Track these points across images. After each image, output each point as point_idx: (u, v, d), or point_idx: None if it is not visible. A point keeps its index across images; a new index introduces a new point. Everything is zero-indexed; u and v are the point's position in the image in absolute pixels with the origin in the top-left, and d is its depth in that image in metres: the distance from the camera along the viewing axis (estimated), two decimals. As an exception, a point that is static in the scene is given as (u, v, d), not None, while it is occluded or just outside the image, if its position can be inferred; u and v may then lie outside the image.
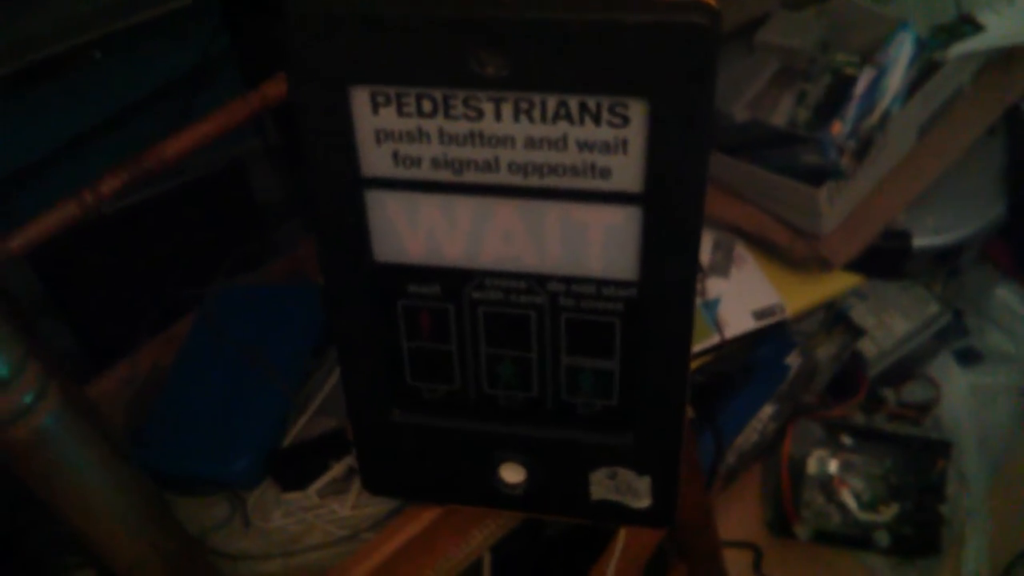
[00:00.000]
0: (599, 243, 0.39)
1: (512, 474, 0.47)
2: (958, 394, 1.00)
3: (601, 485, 0.47)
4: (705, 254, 0.84)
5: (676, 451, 0.45)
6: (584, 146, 0.37)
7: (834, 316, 0.94)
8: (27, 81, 0.68)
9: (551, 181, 0.38)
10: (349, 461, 0.58)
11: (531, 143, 0.37)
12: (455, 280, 0.42)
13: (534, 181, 0.38)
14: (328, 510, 0.57)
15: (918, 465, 0.92)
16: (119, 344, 0.79)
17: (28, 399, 0.33)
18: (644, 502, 0.47)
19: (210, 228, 0.88)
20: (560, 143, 0.37)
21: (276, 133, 0.89)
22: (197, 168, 0.86)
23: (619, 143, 0.37)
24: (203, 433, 0.62)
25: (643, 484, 0.46)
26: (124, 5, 0.69)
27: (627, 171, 0.37)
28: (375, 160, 0.39)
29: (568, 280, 0.41)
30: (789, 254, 0.80)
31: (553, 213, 0.39)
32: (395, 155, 0.39)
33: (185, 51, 0.77)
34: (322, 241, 0.41)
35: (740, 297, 0.82)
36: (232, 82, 0.81)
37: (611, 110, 0.36)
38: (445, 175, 0.39)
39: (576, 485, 0.47)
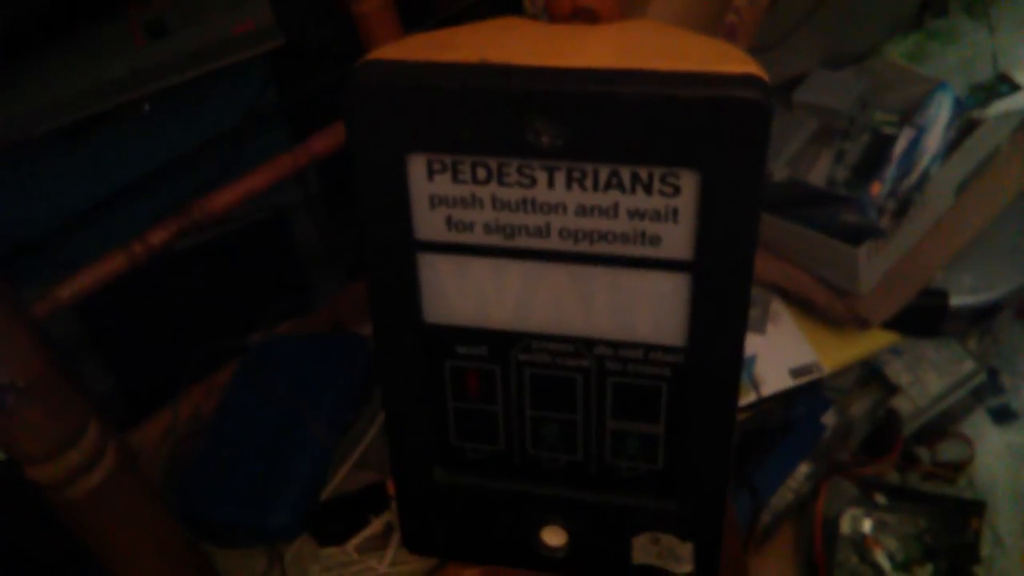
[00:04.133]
0: (647, 309, 0.40)
1: (554, 537, 0.47)
2: (993, 453, 0.98)
3: (643, 550, 0.46)
4: (741, 310, 0.84)
5: (719, 517, 0.45)
6: (635, 214, 0.37)
7: (869, 372, 0.93)
8: (81, 133, 0.70)
9: (601, 247, 0.39)
10: (388, 517, 0.58)
11: (582, 210, 0.38)
12: (503, 342, 0.42)
13: (584, 247, 0.39)
14: (366, 566, 0.57)
15: (952, 525, 0.91)
16: (160, 389, 0.80)
17: (87, 460, 0.34)
18: (686, 568, 0.46)
19: (252, 276, 0.89)
20: (611, 211, 0.38)
21: (318, 183, 0.91)
22: (240, 217, 0.88)
23: (670, 212, 0.37)
24: (242, 483, 0.63)
25: (686, 550, 0.46)
26: (174, 63, 0.71)
27: (677, 239, 0.38)
28: (429, 224, 0.39)
29: (615, 345, 0.41)
30: (827, 313, 0.80)
31: (602, 279, 0.39)
32: (448, 220, 0.39)
33: (233, 104, 0.79)
34: (374, 301, 0.42)
35: (777, 355, 0.82)
36: (279, 135, 0.83)
37: (663, 180, 0.36)
38: (497, 240, 0.39)
39: (618, 549, 0.47)
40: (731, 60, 0.36)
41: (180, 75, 0.71)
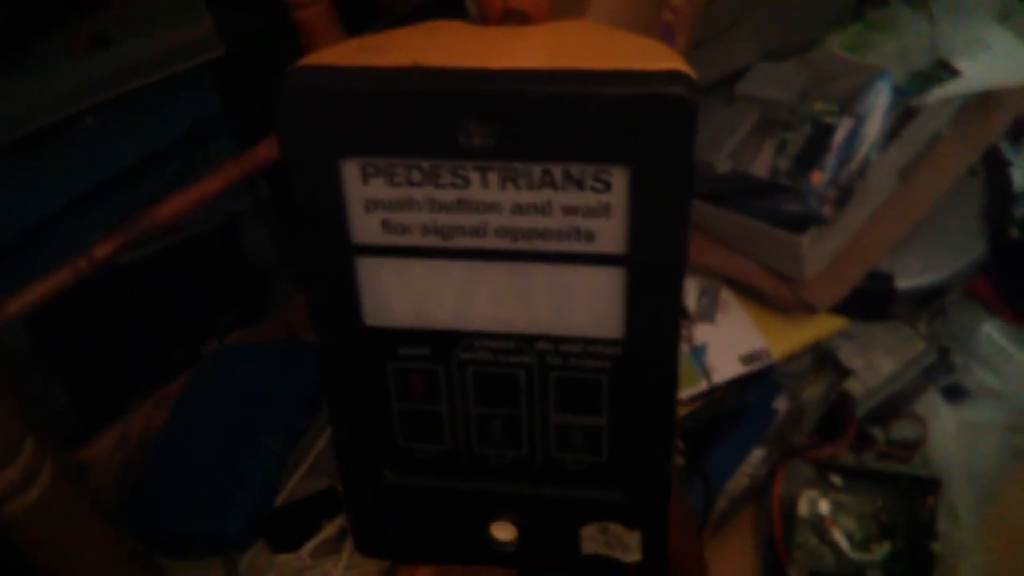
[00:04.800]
0: (585, 303, 0.40)
1: (504, 532, 0.47)
2: (946, 431, 1.00)
3: (592, 540, 0.47)
4: (692, 301, 0.85)
5: (665, 505, 0.46)
6: (569, 211, 0.38)
7: (821, 357, 0.95)
8: (24, 149, 0.69)
9: (537, 245, 0.39)
10: (342, 521, 0.58)
11: (518, 209, 0.38)
12: (445, 342, 0.43)
13: (521, 245, 0.39)
14: (321, 571, 0.58)
15: (909, 503, 0.93)
16: (112, 402, 0.79)
17: (23, 477, 0.34)
18: (634, 556, 0.47)
19: (204, 286, 0.89)
20: (546, 208, 0.38)
21: (268, 191, 0.90)
22: (190, 227, 0.87)
23: (602, 208, 0.38)
24: (195, 494, 0.63)
25: (633, 538, 0.46)
26: (117, 75, 0.70)
27: (610, 234, 0.38)
28: (365, 228, 0.40)
29: (556, 340, 0.42)
30: (774, 300, 0.81)
31: (540, 275, 0.40)
32: (385, 223, 0.39)
33: (179, 115, 0.79)
34: (314, 306, 0.42)
35: (727, 343, 0.83)
36: (226, 144, 0.82)
37: (594, 177, 0.37)
38: (434, 241, 0.40)
39: (567, 540, 0.47)
40: (658, 57, 0.36)
41: (123, 87, 0.70)
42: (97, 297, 0.82)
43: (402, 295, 0.41)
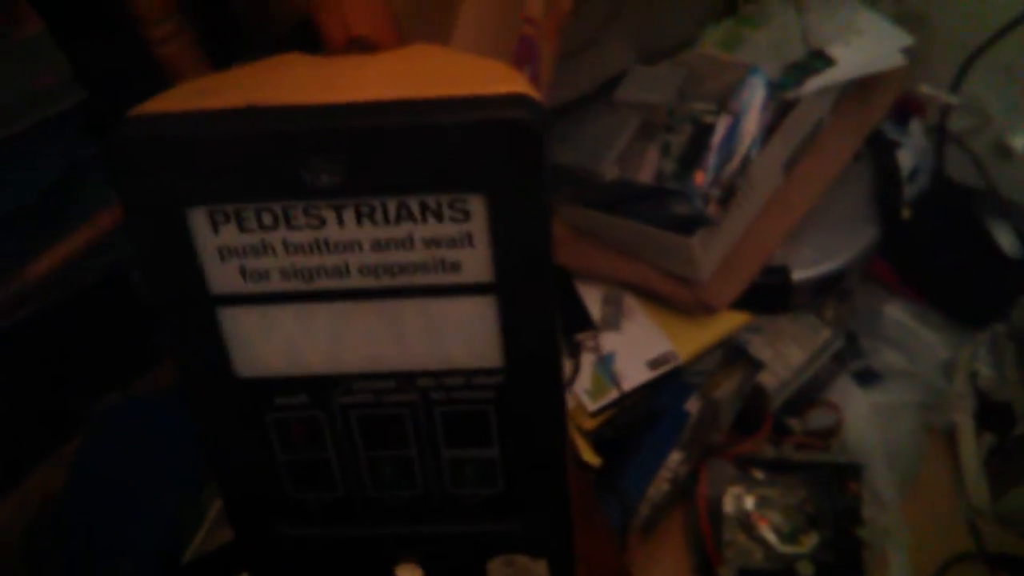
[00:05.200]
0: (461, 335, 0.39)
1: (409, 574, 0.46)
2: (861, 415, 1.01)
3: (499, 573, 0.46)
4: (596, 310, 0.85)
5: (568, 530, 0.45)
6: (431, 243, 0.37)
7: (732, 352, 0.95)
8: None
9: (404, 280, 0.38)
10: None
11: (378, 245, 0.37)
12: (322, 387, 0.41)
13: (386, 281, 0.38)
14: (232, 628, 0.55)
15: (832, 491, 0.93)
16: (8, 468, 0.76)
17: None
18: (544, 584, 0.46)
19: (94, 339, 0.85)
20: (407, 242, 0.37)
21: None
22: (73, 280, 0.84)
23: (464, 237, 0.37)
24: (99, 555, 0.60)
25: (540, 567, 0.46)
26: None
27: (476, 263, 0.37)
28: (222, 277, 0.38)
29: (436, 374, 0.40)
30: (674, 302, 0.82)
31: (410, 310, 0.39)
32: (242, 270, 0.38)
33: (46, 164, 0.75)
34: (180, 362, 0.40)
35: (634, 349, 0.82)
36: (102, 189, 0.79)
37: (451, 206, 0.36)
38: (296, 285, 0.38)
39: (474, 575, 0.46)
40: (501, 80, 0.36)
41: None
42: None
43: (271, 343, 0.40)
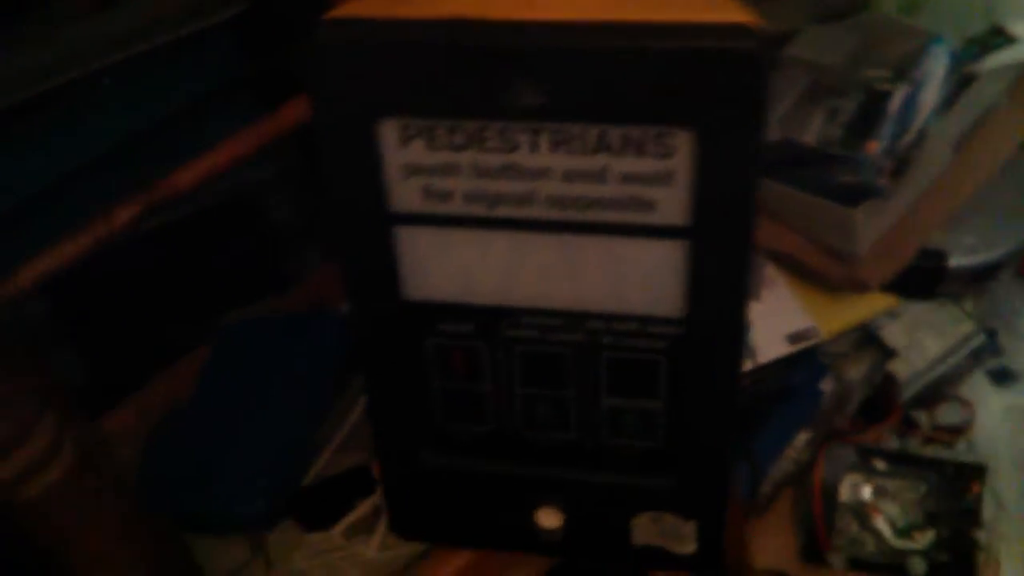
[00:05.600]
0: (642, 279, 0.37)
1: (549, 519, 0.45)
2: (992, 415, 0.97)
3: (643, 530, 0.44)
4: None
5: (723, 494, 0.43)
6: (627, 179, 0.35)
7: (865, 337, 0.91)
8: (34, 110, 0.66)
9: (591, 215, 0.36)
10: (376, 500, 0.56)
11: (570, 176, 0.35)
12: (489, 318, 0.40)
13: (572, 215, 0.36)
14: (353, 552, 0.55)
15: (953, 489, 0.89)
16: (132, 376, 0.77)
17: (41, 457, 0.31)
18: (689, 547, 0.44)
19: (225, 256, 0.86)
20: (601, 175, 0.35)
21: (294, 157, 0.88)
22: (213, 194, 0.85)
23: (664, 175, 0.34)
24: (221, 470, 0.60)
25: (688, 529, 0.44)
26: (135, 33, 0.67)
27: (672, 204, 0.35)
28: (404, 195, 0.37)
29: (609, 318, 0.39)
30: (824, 277, 0.78)
31: (593, 248, 0.37)
32: (425, 190, 0.37)
33: (200, 76, 0.76)
34: (350, 279, 0.39)
35: (772, 321, 0.79)
36: (248, 106, 0.79)
37: (655, 141, 0.34)
38: (478, 209, 0.37)
39: (617, 530, 0.45)
40: (720, 8, 0.33)
41: (136, 47, 0.67)
42: (117, 266, 0.80)
43: (444, 267, 0.39)
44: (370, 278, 0.39)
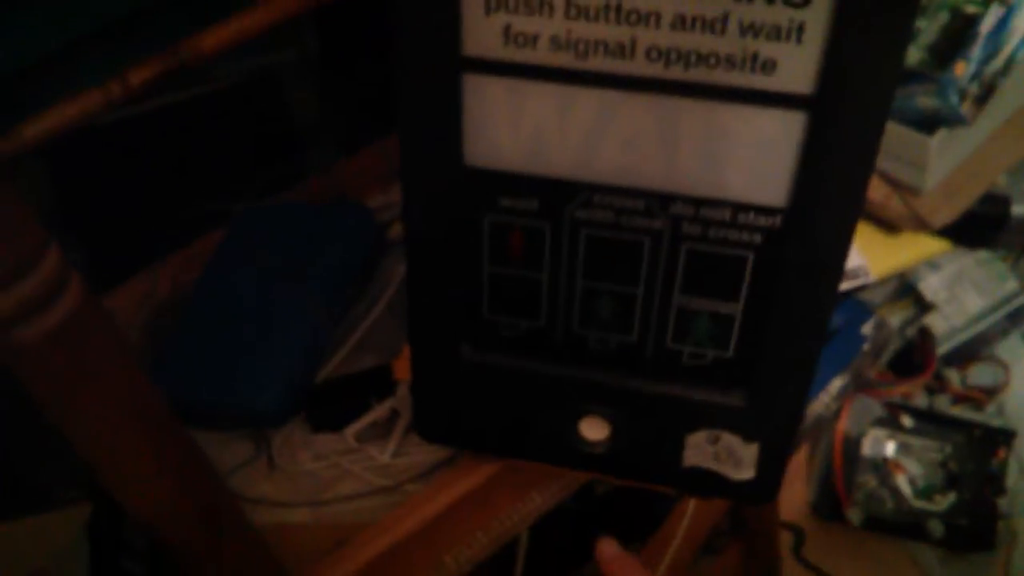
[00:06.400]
0: (745, 157, 0.32)
1: (594, 430, 0.40)
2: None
3: (697, 450, 0.40)
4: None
5: (795, 417, 0.39)
6: (749, 30, 0.30)
7: (901, 287, 0.87)
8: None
9: (698, 74, 0.31)
10: (393, 402, 0.51)
11: (680, 22, 0.30)
12: (557, 194, 0.35)
13: (675, 73, 0.31)
14: (365, 456, 0.51)
15: (979, 453, 0.86)
16: (135, 260, 0.72)
17: (43, 293, 0.26)
18: (746, 474, 0.40)
19: (241, 141, 0.81)
20: (718, 24, 0.30)
21: (315, 43, 0.82)
22: (229, 74, 0.79)
23: (794, 29, 0.29)
24: (227, 360, 0.55)
25: (749, 452, 0.39)
26: None
27: (798, 66, 0.30)
28: (481, 36, 0.32)
29: (698, 202, 0.34)
30: (881, 210, 0.73)
31: (693, 117, 0.32)
32: (507, 31, 0.31)
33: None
34: (405, 135, 0.34)
35: (819, 256, 0.75)
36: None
37: (792, -16, 0.29)
38: (565, 59, 0.31)
39: (667, 448, 0.40)
40: None
41: None
42: (125, 144, 0.74)
43: (513, 130, 0.34)
44: (430, 139, 0.34)
